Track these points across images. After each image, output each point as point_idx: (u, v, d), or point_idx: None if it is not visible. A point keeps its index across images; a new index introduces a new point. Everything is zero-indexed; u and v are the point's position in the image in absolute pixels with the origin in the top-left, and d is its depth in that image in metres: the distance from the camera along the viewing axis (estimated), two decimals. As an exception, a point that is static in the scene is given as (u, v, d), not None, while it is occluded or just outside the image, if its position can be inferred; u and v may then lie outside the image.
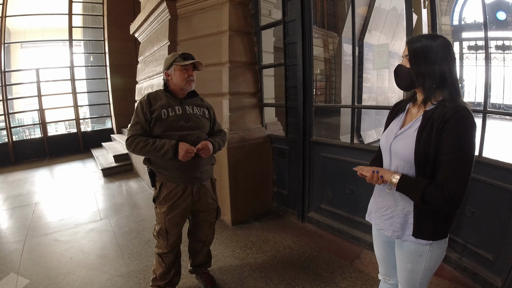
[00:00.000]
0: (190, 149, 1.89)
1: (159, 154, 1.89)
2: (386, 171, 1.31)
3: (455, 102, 1.17)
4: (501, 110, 4.50)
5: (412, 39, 1.26)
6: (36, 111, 8.21)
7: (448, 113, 1.14)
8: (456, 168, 1.12)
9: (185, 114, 2.03)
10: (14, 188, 5.44)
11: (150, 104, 1.98)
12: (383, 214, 1.40)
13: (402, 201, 1.31)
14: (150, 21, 4.52)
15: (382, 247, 1.55)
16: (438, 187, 1.13)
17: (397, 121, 1.40)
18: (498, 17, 9.89)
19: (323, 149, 3.18)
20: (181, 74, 2.00)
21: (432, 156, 1.17)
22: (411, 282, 1.40)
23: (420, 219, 1.27)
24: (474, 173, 2.19)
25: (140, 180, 5.56)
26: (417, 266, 1.34)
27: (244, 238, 3.18)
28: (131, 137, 1.95)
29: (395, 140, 1.32)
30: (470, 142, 1.13)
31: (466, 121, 1.12)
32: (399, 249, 1.40)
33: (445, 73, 1.19)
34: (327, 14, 9.98)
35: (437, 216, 1.25)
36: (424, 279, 1.37)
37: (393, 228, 1.36)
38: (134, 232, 3.45)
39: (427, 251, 1.29)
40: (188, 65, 2.02)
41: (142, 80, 5.32)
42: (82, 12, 8.99)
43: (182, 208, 2.08)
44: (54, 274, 2.66)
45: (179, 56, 2.01)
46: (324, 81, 9.99)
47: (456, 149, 1.12)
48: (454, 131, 1.12)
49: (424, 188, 1.15)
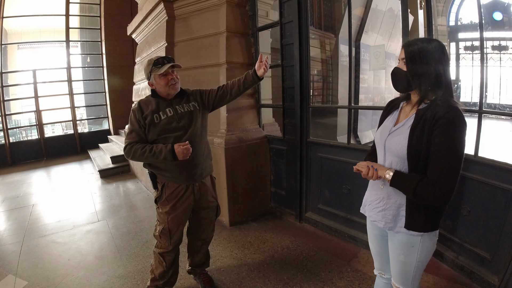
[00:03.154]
0: (186, 147, 1.88)
1: (158, 160, 1.91)
2: (380, 167, 1.35)
3: (447, 102, 1.22)
4: (497, 110, 4.53)
5: (408, 42, 1.31)
6: (33, 112, 8.20)
7: (440, 113, 1.19)
8: (446, 165, 1.18)
9: (177, 114, 2.03)
10: (11, 190, 5.42)
11: (141, 111, 1.99)
12: (376, 206, 1.46)
13: (394, 194, 1.37)
14: (147, 22, 4.52)
15: (376, 241, 1.59)
16: (430, 182, 1.19)
17: (391, 118, 1.45)
18: (495, 17, 9.96)
19: (320, 150, 3.19)
20: (161, 81, 1.98)
21: (424, 152, 1.23)
22: (405, 275, 1.44)
23: (411, 211, 1.32)
24: (470, 173, 2.22)
25: (138, 181, 5.55)
26: (409, 258, 1.39)
27: (242, 239, 3.19)
28: (128, 146, 1.97)
29: (389, 137, 1.37)
30: (460, 140, 1.18)
31: (457, 120, 1.18)
32: (392, 242, 1.45)
33: (440, 74, 1.24)
34: (324, 15, 10.01)
35: (428, 209, 1.30)
36: (416, 272, 1.42)
37: (385, 219, 1.41)
38: (132, 233, 3.44)
39: (419, 242, 1.35)
40: (167, 70, 1.97)
41: (139, 81, 5.31)
42: (79, 13, 8.98)
43: (185, 206, 2.11)
44: (52, 276, 2.66)
45: (154, 64, 1.96)
46: (321, 82, 10.02)
47: (446, 147, 1.18)
48: (445, 129, 1.18)
49: (417, 183, 1.21)
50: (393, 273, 1.50)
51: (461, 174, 2.25)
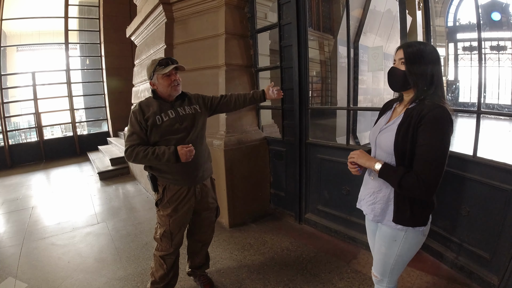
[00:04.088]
0: (189, 149, 1.90)
1: (161, 162, 1.91)
2: (372, 158, 1.44)
3: (434, 101, 1.28)
4: (495, 110, 4.54)
5: (407, 44, 1.38)
6: (32, 115, 8.19)
7: (425, 110, 1.26)
8: (429, 159, 1.24)
9: (179, 116, 2.04)
10: (10, 192, 5.42)
11: (143, 112, 1.98)
12: (367, 200, 1.53)
13: (384, 188, 1.44)
14: (146, 24, 4.52)
15: (372, 236, 1.64)
16: (414, 175, 1.25)
17: (385, 117, 1.53)
18: (493, 17, 9.97)
19: (319, 151, 3.20)
20: (164, 81, 1.99)
21: (409, 148, 1.30)
22: (383, 266, 1.53)
23: (399, 206, 1.39)
24: (469, 173, 2.23)
25: (137, 183, 5.55)
26: (390, 250, 1.47)
27: (241, 240, 3.19)
28: (129, 148, 1.95)
29: (380, 134, 1.45)
30: (443, 136, 1.24)
31: (440, 117, 1.24)
32: (378, 233, 1.53)
33: (433, 75, 1.32)
34: (322, 17, 10.02)
35: (415, 204, 1.36)
36: (395, 266, 1.49)
37: (374, 213, 1.49)
38: (132, 235, 3.44)
39: (402, 237, 1.42)
40: (170, 71, 1.99)
41: (138, 83, 5.31)
42: (78, 15, 8.97)
43: (186, 209, 2.11)
44: (52, 278, 2.66)
45: (158, 64, 1.98)
46: (320, 83, 10.02)
47: (429, 142, 1.24)
48: (428, 126, 1.24)
49: (402, 175, 1.27)
50: (374, 262, 1.59)
51: (460, 175, 2.28)
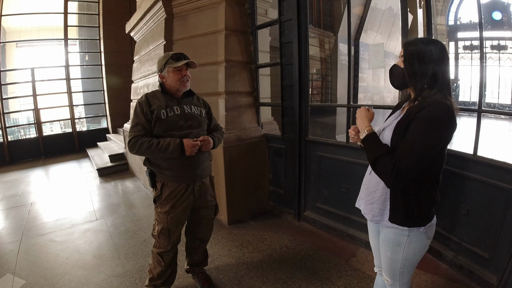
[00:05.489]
0: (195, 143, 1.92)
1: (165, 154, 1.90)
2: (366, 122, 1.42)
3: (435, 99, 1.24)
4: (496, 109, 4.53)
5: (408, 42, 1.35)
6: (31, 111, 8.16)
7: (423, 105, 1.23)
8: (411, 149, 1.21)
9: (184, 113, 2.04)
10: (9, 189, 5.41)
11: (149, 104, 1.98)
12: (366, 199, 1.50)
13: (380, 188, 1.40)
14: (145, 20, 4.50)
15: (374, 237, 1.61)
16: (393, 158, 1.23)
17: (393, 116, 1.51)
18: (494, 17, 9.95)
19: (319, 148, 3.19)
20: (174, 75, 1.99)
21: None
22: (392, 270, 1.49)
23: (395, 205, 1.36)
24: (469, 172, 2.23)
25: (136, 180, 5.54)
26: (395, 255, 1.43)
27: (240, 237, 3.18)
28: (134, 139, 1.94)
29: (383, 132, 1.44)
30: (433, 130, 1.20)
31: (435, 113, 1.20)
32: (381, 237, 1.49)
33: (436, 74, 1.27)
34: (323, 14, 9.99)
35: (409, 203, 1.33)
36: (404, 269, 1.45)
37: (372, 213, 1.46)
38: (130, 232, 3.43)
39: (405, 242, 1.38)
40: (182, 66, 2.00)
41: (137, 79, 5.29)
42: (77, 11, 8.92)
43: (184, 206, 2.10)
44: (50, 275, 2.65)
45: (171, 57, 1.99)
46: (320, 80, 10.01)
47: (416, 132, 1.21)
48: (421, 119, 1.21)
49: (382, 153, 1.27)
50: (382, 265, 1.55)
51: (460, 174, 2.28)
